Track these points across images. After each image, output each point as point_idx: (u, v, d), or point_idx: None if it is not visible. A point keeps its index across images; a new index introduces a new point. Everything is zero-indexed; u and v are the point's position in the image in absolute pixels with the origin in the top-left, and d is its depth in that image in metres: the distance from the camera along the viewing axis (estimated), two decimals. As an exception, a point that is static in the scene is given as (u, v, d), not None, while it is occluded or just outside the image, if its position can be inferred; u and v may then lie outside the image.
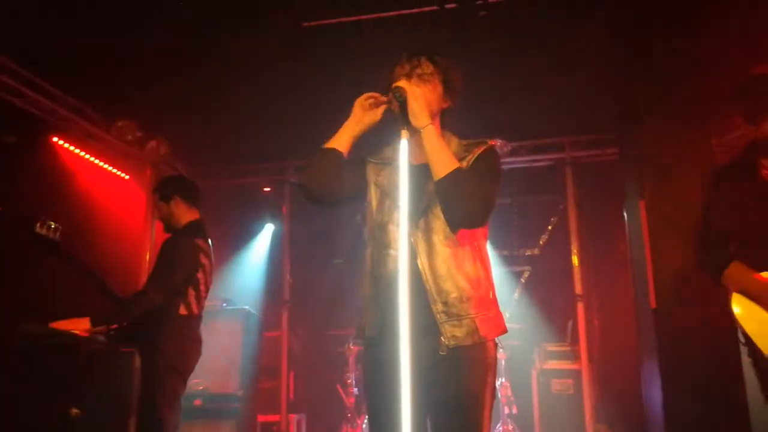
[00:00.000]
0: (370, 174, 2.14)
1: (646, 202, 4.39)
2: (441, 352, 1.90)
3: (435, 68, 2.06)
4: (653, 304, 4.35)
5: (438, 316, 1.92)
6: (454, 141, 2.12)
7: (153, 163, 5.56)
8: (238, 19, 3.91)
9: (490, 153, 2.08)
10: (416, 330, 1.76)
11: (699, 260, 2.76)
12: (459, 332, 1.92)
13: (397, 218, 1.95)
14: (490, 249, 2.15)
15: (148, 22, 3.89)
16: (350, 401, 5.01)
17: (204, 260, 3.31)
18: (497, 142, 5.10)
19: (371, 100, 2.06)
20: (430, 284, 1.94)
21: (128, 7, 3.78)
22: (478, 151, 2.06)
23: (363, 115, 2.07)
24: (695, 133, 4.33)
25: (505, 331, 2.05)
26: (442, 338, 1.91)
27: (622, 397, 5.06)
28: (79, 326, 3.00)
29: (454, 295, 1.93)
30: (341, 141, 2.06)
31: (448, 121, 2.15)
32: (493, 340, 2.00)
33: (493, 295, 2.06)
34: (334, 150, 2.05)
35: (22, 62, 4.17)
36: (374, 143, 2.18)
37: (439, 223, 1.98)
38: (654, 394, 4.41)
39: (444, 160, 1.93)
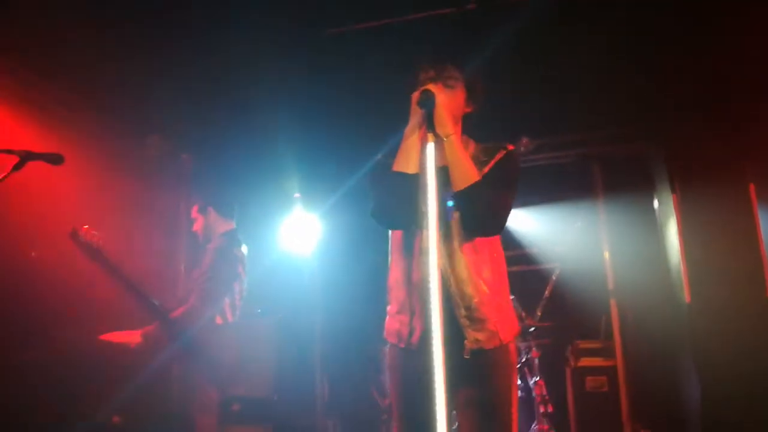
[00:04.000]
0: None
1: (677, 196, 4.35)
2: (465, 356, 1.93)
3: (460, 74, 2.07)
4: (687, 298, 4.30)
5: (461, 320, 1.95)
6: (472, 144, 2.13)
7: (184, 176, 5.66)
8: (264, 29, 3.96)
9: (509, 159, 2.08)
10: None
11: None
12: (481, 336, 1.96)
13: (426, 224, 1.97)
14: (519, 247, 2.17)
15: (175, 34, 3.96)
16: (385, 403, 5.04)
17: (241, 270, 3.38)
18: (523, 141, 5.08)
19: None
20: (453, 289, 1.97)
21: (158, 17, 3.84)
22: (498, 156, 2.07)
23: (415, 115, 1.98)
24: (727, 127, 4.27)
25: (519, 332, 2.08)
26: (465, 342, 1.94)
27: (658, 394, 4.99)
28: (130, 339, 3.08)
29: (475, 299, 1.96)
30: (413, 162, 1.97)
31: (468, 125, 2.16)
32: (513, 342, 2.02)
33: (509, 298, 2.09)
34: (406, 175, 1.97)
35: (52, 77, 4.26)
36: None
37: (458, 228, 2.00)
38: (691, 389, 4.35)
39: (465, 171, 1.95)
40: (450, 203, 1.99)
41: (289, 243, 6.03)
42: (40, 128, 4.13)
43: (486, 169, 2.03)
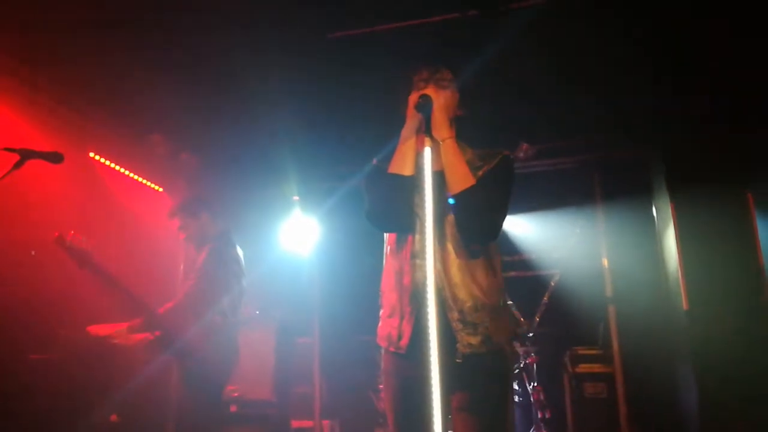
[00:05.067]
0: None
1: (675, 203, 4.36)
2: (457, 360, 1.93)
3: (453, 77, 2.09)
4: (685, 305, 4.30)
5: (454, 324, 1.95)
6: (469, 151, 2.13)
7: (184, 176, 5.68)
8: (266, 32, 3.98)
9: (504, 164, 2.09)
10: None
11: None
12: (474, 340, 1.95)
13: (420, 227, 1.98)
14: (518, 253, 2.17)
15: (176, 36, 3.98)
16: (381, 407, 5.05)
17: (237, 269, 3.39)
18: (523, 147, 5.09)
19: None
20: (446, 292, 1.97)
21: (159, 19, 3.86)
22: (494, 161, 2.07)
23: (412, 119, 2.00)
24: (725, 136, 4.28)
25: (514, 335, 2.08)
26: (458, 346, 1.94)
27: (656, 400, 4.99)
28: (116, 332, 3.09)
29: (469, 303, 1.96)
30: (408, 165, 1.99)
31: (462, 129, 2.16)
32: (507, 347, 2.02)
33: (504, 303, 2.08)
34: (401, 177, 1.99)
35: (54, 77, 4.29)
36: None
37: (452, 231, 2.00)
38: (689, 395, 4.35)
39: (460, 175, 1.96)
40: (451, 200, 1.99)
41: (287, 245, 6.05)
42: (41, 127, 4.16)
43: (481, 173, 2.04)
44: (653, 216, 5.06)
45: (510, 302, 5.02)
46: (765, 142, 4.14)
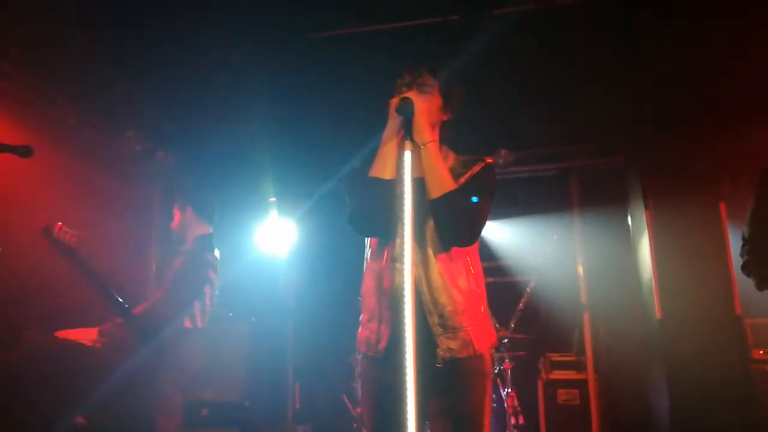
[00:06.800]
0: None
1: (650, 212, 4.41)
2: (437, 364, 1.91)
3: (435, 81, 2.07)
4: (659, 314, 4.35)
5: (434, 328, 1.94)
6: (451, 156, 2.12)
7: (161, 174, 5.59)
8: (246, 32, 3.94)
9: (486, 171, 2.08)
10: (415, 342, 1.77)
11: (745, 265, 2.51)
12: (454, 344, 1.93)
13: (401, 231, 1.96)
14: (494, 259, 2.17)
15: (157, 34, 3.93)
16: (357, 411, 5.01)
17: (212, 275, 3.33)
18: (502, 153, 5.11)
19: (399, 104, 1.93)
20: (426, 296, 1.95)
21: (140, 17, 3.81)
22: (475, 168, 2.06)
23: (393, 121, 1.97)
24: (702, 144, 4.35)
25: (496, 343, 2.07)
26: (438, 350, 1.92)
27: (628, 408, 5.04)
28: (86, 337, 3.02)
29: (449, 308, 1.95)
30: (389, 168, 1.97)
31: (446, 134, 2.15)
32: (488, 352, 2.01)
33: (485, 308, 2.07)
34: (382, 180, 1.97)
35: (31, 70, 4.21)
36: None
37: (432, 237, 1.99)
38: (661, 404, 4.40)
39: (441, 179, 1.94)
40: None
41: (263, 247, 5.99)
42: (15, 121, 4.07)
43: (463, 180, 2.02)
44: (629, 224, 5.11)
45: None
46: (739, 153, 4.21)
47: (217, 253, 3.44)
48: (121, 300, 3.06)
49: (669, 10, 3.67)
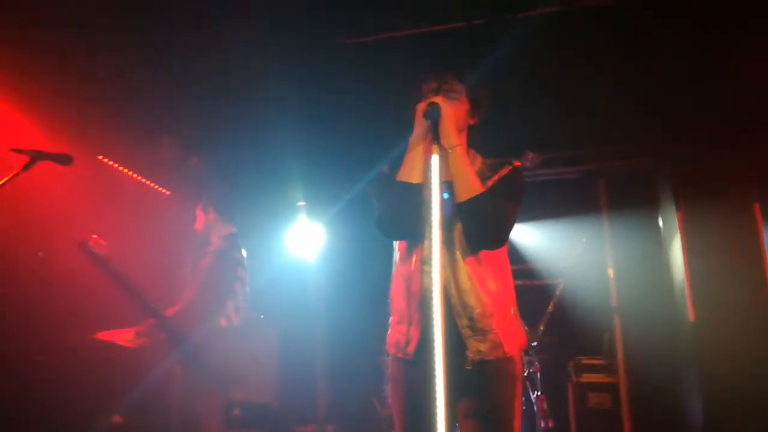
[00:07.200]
0: None
1: (682, 213, 4.35)
2: (467, 367, 1.92)
3: (461, 85, 2.09)
4: (691, 317, 4.29)
5: (463, 330, 1.95)
6: (479, 159, 2.14)
7: (192, 179, 5.69)
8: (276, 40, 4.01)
9: (514, 174, 2.08)
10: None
11: None
12: (483, 347, 1.94)
13: (429, 234, 1.98)
14: (523, 262, 2.17)
15: (191, 42, 4.01)
16: (385, 414, 5.03)
17: (241, 273, 3.39)
18: (529, 155, 5.09)
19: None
20: (455, 299, 1.96)
21: (174, 27, 3.89)
22: (503, 171, 2.07)
23: (421, 126, 1.99)
24: (735, 144, 4.28)
25: (526, 346, 2.07)
26: (467, 353, 1.93)
27: (660, 412, 4.97)
28: (123, 337, 3.10)
29: (478, 310, 1.96)
30: (416, 172, 1.98)
31: (473, 137, 2.16)
32: (518, 354, 2.01)
33: (515, 310, 2.07)
34: (409, 185, 1.98)
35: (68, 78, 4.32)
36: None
37: (460, 239, 2.00)
38: (694, 407, 4.33)
39: (468, 183, 1.96)
40: (446, 195, 1.97)
41: (293, 251, 6.06)
42: (51, 129, 4.18)
43: (491, 183, 2.03)
44: (659, 226, 5.05)
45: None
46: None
47: (243, 252, 3.50)
48: (153, 306, 3.12)
49: (696, 10, 3.64)
